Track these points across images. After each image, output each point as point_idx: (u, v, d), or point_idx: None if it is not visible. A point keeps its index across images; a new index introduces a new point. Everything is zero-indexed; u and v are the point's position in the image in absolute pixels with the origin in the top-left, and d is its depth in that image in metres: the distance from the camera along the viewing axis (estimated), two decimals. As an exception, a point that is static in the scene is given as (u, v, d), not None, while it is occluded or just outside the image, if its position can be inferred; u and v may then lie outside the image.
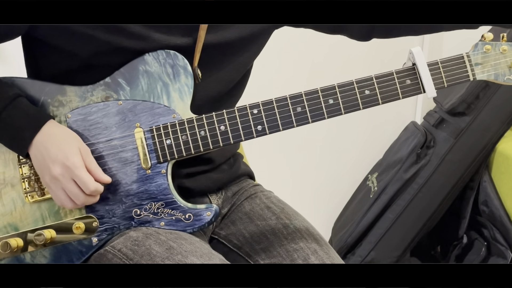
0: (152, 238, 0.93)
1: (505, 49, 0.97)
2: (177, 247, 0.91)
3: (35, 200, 0.97)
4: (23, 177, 0.97)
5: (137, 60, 0.97)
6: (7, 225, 0.97)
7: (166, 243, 0.92)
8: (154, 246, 0.92)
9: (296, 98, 0.96)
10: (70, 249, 0.97)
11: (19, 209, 0.97)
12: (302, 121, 0.96)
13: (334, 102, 0.96)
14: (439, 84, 0.96)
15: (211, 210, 0.97)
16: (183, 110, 0.97)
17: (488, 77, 0.97)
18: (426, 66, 0.96)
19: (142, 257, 0.91)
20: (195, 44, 0.99)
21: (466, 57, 0.97)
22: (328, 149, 2.21)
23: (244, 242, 1.06)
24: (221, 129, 0.96)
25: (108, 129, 0.97)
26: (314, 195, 2.26)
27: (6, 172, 0.98)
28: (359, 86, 0.96)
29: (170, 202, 0.96)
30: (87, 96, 0.97)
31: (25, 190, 0.97)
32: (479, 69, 0.97)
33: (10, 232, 0.97)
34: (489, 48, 0.97)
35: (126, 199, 0.96)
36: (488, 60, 0.97)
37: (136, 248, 0.93)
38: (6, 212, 0.97)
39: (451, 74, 0.96)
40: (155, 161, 0.96)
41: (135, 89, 0.97)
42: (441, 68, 0.96)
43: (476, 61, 0.97)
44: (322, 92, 0.96)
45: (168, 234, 0.94)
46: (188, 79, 0.98)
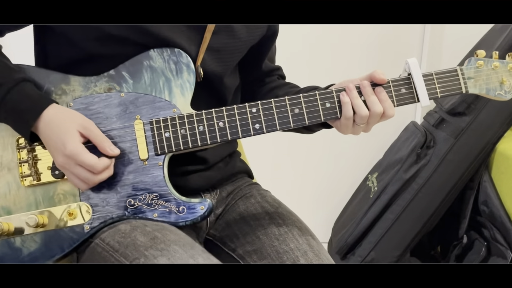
0: (138, 230, 0.94)
1: (496, 66, 1.01)
2: (161, 237, 0.92)
3: (31, 185, 0.97)
4: (20, 161, 0.98)
5: (142, 55, 1.00)
6: (0, 208, 0.97)
7: (151, 233, 0.92)
8: (139, 236, 0.92)
9: (294, 99, 0.99)
10: (61, 235, 0.97)
11: (13, 193, 0.98)
12: (298, 122, 0.99)
13: (331, 105, 0.99)
14: (433, 94, 1.00)
15: (204, 204, 0.98)
16: (184, 105, 0.99)
17: (480, 91, 1.01)
18: (421, 76, 0.99)
19: (127, 247, 0.91)
20: (200, 45, 1.02)
21: (459, 70, 1.01)
22: (328, 149, 2.22)
23: (238, 244, 1.07)
24: (220, 125, 0.98)
25: (109, 119, 0.98)
26: (314, 195, 2.26)
27: (4, 156, 0.99)
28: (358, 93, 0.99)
29: (165, 194, 0.97)
30: (90, 87, 1.00)
31: (21, 174, 0.98)
32: (471, 83, 1.01)
33: (2, 215, 0.97)
34: (481, 63, 1.01)
35: (121, 189, 0.97)
36: (480, 75, 1.01)
37: (122, 240, 0.93)
38: (0, 195, 0.97)
39: (445, 85, 1.00)
40: (152, 153, 0.98)
41: (138, 83, 1.00)
42: (435, 80, 1.00)
43: (469, 75, 1.01)
44: (320, 96, 0.99)
45: (154, 226, 0.95)
46: (191, 76, 1.00)
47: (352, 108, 0.97)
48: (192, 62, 1.01)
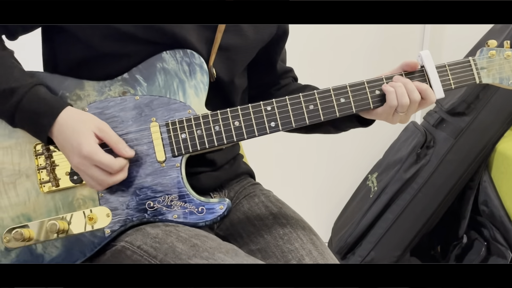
0: (173, 236, 0.93)
1: (509, 55, 1.01)
2: (201, 244, 0.91)
3: (50, 191, 0.98)
4: (38, 168, 0.98)
5: (155, 57, 1.00)
6: (20, 215, 0.98)
7: (189, 241, 0.92)
8: (177, 243, 0.92)
9: (308, 96, 0.99)
10: (82, 240, 0.97)
11: (33, 200, 0.98)
12: (314, 118, 0.99)
13: (345, 101, 0.99)
14: (446, 86, 1.00)
15: (223, 204, 0.98)
16: (198, 106, 1.00)
17: (493, 81, 1.01)
18: (435, 68, 0.99)
19: (166, 254, 0.91)
20: (212, 45, 1.03)
21: (472, 61, 1.01)
22: (328, 149, 2.23)
23: (242, 243, 1.07)
24: (235, 124, 0.99)
25: (125, 123, 0.99)
26: (314, 195, 2.27)
27: (22, 163, 0.99)
28: (370, 86, 1.00)
29: (183, 195, 0.98)
30: (104, 91, 1.00)
31: (40, 180, 0.98)
32: (484, 73, 1.01)
33: (23, 222, 0.97)
34: (493, 53, 1.01)
35: (140, 192, 0.98)
36: (493, 65, 1.01)
37: (158, 245, 0.92)
38: (20, 202, 0.98)
39: (458, 76, 1.00)
40: (169, 155, 0.98)
41: (152, 85, 1.00)
42: (448, 71, 1.00)
43: (482, 66, 1.01)
44: (334, 91, 0.99)
45: (188, 231, 0.94)
46: (204, 76, 1.01)
47: (396, 97, 0.97)
48: (205, 63, 1.01)
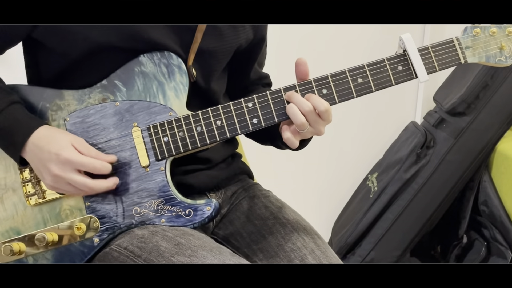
0: (158, 235, 0.93)
1: (494, 32, 0.98)
2: (185, 243, 0.91)
3: (36, 203, 0.98)
4: (23, 181, 0.98)
5: (133, 62, 0.99)
6: (9, 230, 0.98)
7: (173, 239, 0.92)
8: (162, 242, 0.91)
9: (290, 89, 0.97)
10: (72, 250, 0.97)
11: (20, 213, 0.98)
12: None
13: (327, 92, 0.97)
14: (431, 68, 0.97)
15: (210, 204, 0.97)
16: (179, 107, 0.98)
17: (480, 60, 0.98)
18: (417, 51, 0.97)
19: (150, 253, 0.91)
20: (190, 45, 1.01)
21: (456, 40, 0.98)
22: (328, 149, 2.21)
23: (242, 243, 1.06)
24: (217, 123, 0.97)
25: (106, 130, 0.98)
26: (314, 195, 2.26)
27: (7, 177, 0.99)
28: (351, 74, 0.97)
29: (170, 199, 0.97)
30: (84, 99, 0.99)
31: (26, 193, 0.98)
32: (469, 52, 0.98)
33: (12, 237, 0.98)
34: (478, 31, 0.98)
35: (126, 198, 0.97)
36: (478, 43, 0.98)
37: (143, 245, 0.92)
38: (8, 217, 0.98)
39: (442, 58, 0.97)
40: (153, 159, 0.97)
41: (131, 90, 0.99)
42: (431, 53, 0.97)
43: (467, 45, 0.98)
44: (315, 82, 0.97)
45: (174, 231, 0.94)
46: (183, 77, 0.99)
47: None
48: (184, 63, 0.99)
